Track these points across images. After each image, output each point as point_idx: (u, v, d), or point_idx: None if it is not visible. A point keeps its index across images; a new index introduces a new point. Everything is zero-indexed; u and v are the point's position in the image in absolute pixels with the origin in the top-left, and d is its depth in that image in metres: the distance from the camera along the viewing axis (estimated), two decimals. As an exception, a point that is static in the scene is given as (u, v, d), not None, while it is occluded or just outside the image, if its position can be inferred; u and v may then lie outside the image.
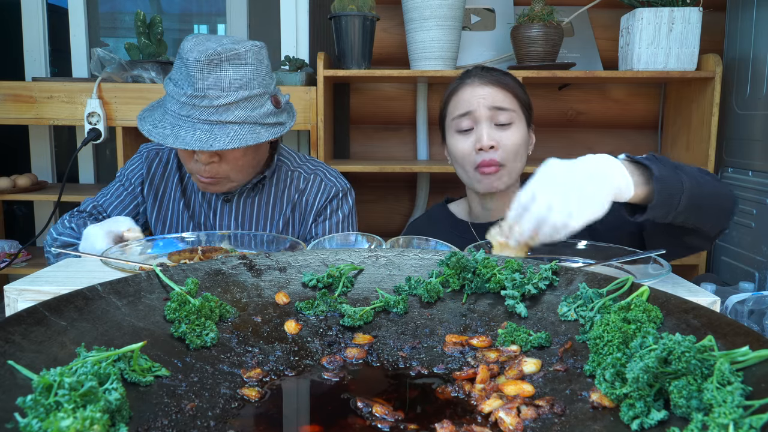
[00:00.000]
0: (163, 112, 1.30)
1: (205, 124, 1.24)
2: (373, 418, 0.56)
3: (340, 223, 1.49)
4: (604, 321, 0.61)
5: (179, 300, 0.68)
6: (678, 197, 0.96)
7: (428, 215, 1.58)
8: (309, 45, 2.55)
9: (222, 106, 1.24)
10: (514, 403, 0.56)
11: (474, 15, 2.50)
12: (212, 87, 1.23)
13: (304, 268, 0.82)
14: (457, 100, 1.37)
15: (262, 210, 1.47)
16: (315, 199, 1.48)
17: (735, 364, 0.49)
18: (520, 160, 1.35)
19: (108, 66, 2.23)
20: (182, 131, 1.24)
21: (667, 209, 0.96)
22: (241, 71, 1.25)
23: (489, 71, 1.38)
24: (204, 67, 1.22)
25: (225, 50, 1.23)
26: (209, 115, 1.24)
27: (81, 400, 0.45)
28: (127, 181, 1.50)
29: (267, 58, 1.33)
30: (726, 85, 2.32)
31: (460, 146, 1.35)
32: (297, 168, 1.50)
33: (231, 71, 1.24)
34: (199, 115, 1.24)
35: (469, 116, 1.34)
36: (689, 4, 2.13)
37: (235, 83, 1.24)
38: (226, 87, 1.24)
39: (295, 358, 0.68)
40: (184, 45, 1.27)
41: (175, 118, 1.26)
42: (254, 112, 1.27)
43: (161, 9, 3.35)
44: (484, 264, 0.77)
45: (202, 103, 1.23)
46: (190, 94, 1.23)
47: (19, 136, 2.79)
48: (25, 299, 0.85)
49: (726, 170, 2.36)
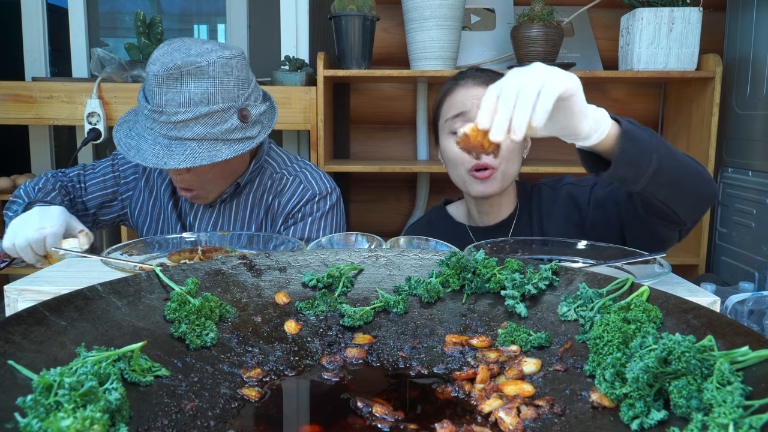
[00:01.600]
0: (136, 122, 1.28)
1: (165, 139, 1.21)
2: (373, 418, 0.56)
3: (309, 226, 1.41)
4: (604, 321, 0.61)
5: (179, 300, 0.68)
6: (648, 158, 0.92)
7: (427, 218, 1.56)
8: (309, 45, 2.55)
9: (180, 122, 1.20)
10: (514, 403, 0.56)
11: (474, 15, 2.50)
12: (171, 102, 1.19)
13: (304, 268, 0.82)
14: (451, 101, 1.35)
15: (240, 214, 1.44)
16: (288, 201, 1.42)
17: (735, 364, 0.49)
18: (515, 163, 1.33)
19: (108, 66, 2.23)
20: (144, 144, 1.22)
21: (636, 169, 0.93)
22: (203, 86, 1.20)
23: (483, 72, 1.36)
24: (163, 82, 1.19)
25: (186, 64, 1.18)
26: (168, 130, 1.21)
27: (81, 400, 0.45)
28: (119, 170, 1.49)
29: (240, 68, 1.26)
30: (726, 85, 2.32)
31: (452, 147, 1.33)
32: (282, 170, 1.46)
33: (192, 86, 1.19)
34: (159, 130, 1.21)
35: (463, 117, 1.31)
36: (689, 4, 2.13)
37: (195, 99, 1.20)
38: (185, 102, 1.19)
39: (295, 358, 0.68)
40: (153, 54, 1.23)
41: (143, 129, 1.24)
42: (215, 128, 1.21)
43: (161, 9, 3.35)
44: (484, 264, 0.77)
45: (161, 118, 1.20)
46: (150, 108, 1.21)
47: (19, 136, 2.79)
48: (25, 299, 0.85)
49: (726, 170, 2.36)
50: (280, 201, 1.43)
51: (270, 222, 1.45)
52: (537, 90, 0.78)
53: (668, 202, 1.02)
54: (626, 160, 0.92)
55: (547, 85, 0.79)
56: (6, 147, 3.13)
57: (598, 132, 0.89)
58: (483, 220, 1.43)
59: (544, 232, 1.36)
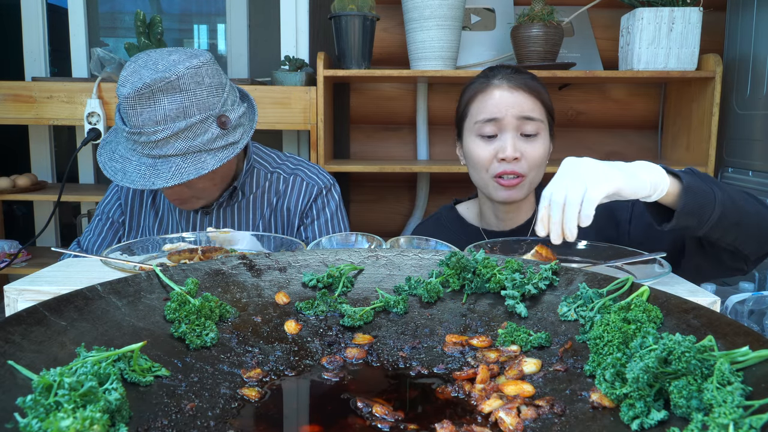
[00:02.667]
0: (117, 143, 1.27)
1: (149, 159, 1.20)
2: (373, 418, 0.55)
3: (329, 222, 1.44)
4: (604, 321, 0.61)
5: (179, 300, 0.68)
6: (710, 208, 0.97)
7: (437, 218, 1.50)
8: (309, 45, 2.55)
9: (161, 141, 1.18)
10: (514, 403, 0.56)
11: (474, 15, 2.50)
12: (147, 122, 1.17)
13: (304, 268, 0.82)
14: (482, 103, 1.29)
15: (243, 217, 1.44)
16: (297, 201, 1.43)
17: (735, 364, 0.49)
18: (542, 170, 1.30)
19: (108, 66, 2.23)
20: (129, 166, 1.21)
21: (698, 220, 0.97)
22: (177, 100, 1.17)
23: (519, 73, 1.30)
24: (136, 103, 1.16)
25: (155, 81, 1.16)
26: (150, 149, 1.19)
27: (81, 400, 0.45)
28: (105, 216, 1.49)
29: (211, 75, 1.22)
30: (726, 85, 2.31)
31: (480, 152, 1.28)
32: (275, 169, 1.45)
33: (165, 102, 1.17)
34: (141, 150, 1.20)
35: (495, 123, 1.26)
36: (689, 4, 2.13)
37: (171, 115, 1.17)
38: (162, 120, 1.17)
39: (295, 358, 0.68)
40: (121, 74, 1.21)
41: (126, 151, 1.23)
42: (196, 141, 1.20)
43: (161, 9, 3.34)
44: (484, 264, 0.77)
45: (141, 139, 1.19)
46: (129, 131, 1.19)
47: (19, 136, 2.79)
48: (25, 299, 0.85)
49: (726, 170, 2.36)
50: (287, 202, 1.44)
51: (282, 224, 1.45)
52: (580, 198, 0.90)
53: (734, 243, 1.05)
54: (688, 212, 0.96)
55: (588, 192, 0.89)
56: (6, 147, 3.13)
57: (657, 192, 0.96)
58: (500, 225, 1.38)
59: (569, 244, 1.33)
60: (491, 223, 1.40)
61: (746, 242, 1.04)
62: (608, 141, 2.62)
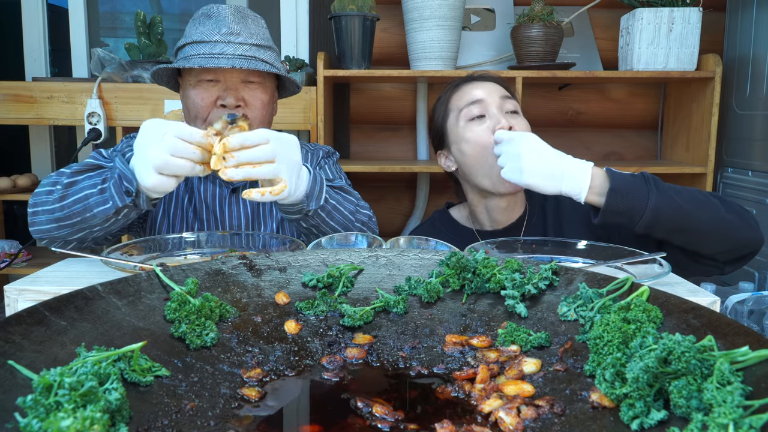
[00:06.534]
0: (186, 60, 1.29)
1: (240, 59, 1.28)
2: (373, 418, 0.56)
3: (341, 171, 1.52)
4: (604, 321, 0.61)
5: (179, 300, 0.68)
6: (640, 211, 1.06)
7: (431, 222, 1.52)
8: (309, 45, 2.55)
9: (255, 45, 1.31)
10: (514, 403, 0.56)
11: (474, 15, 2.50)
12: (245, 30, 1.31)
13: (304, 268, 0.82)
14: (463, 92, 1.36)
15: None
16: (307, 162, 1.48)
17: (735, 364, 0.49)
18: None
19: (108, 66, 2.23)
20: (224, 60, 1.27)
21: (629, 219, 1.07)
22: (262, 31, 1.34)
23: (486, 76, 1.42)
24: (235, 14, 1.30)
25: (245, 10, 1.32)
26: (244, 50, 1.29)
27: (81, 400, 0.45)
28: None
29: None
30: (726, 85, 2.32)
31: (477, 132, 1.30)
32: None
33: (254, 27, 1.32)
34: (234, 51, 1.28)
35: (480, 104, 1.32)
36: (689, 4, 2.13)
37: (261, 33, 1.34)
38: (254, 34, 1.32)
39: (295, 358, 0.68)
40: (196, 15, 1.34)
41: (205, 59, 1.27)
42: (277, 62, 1.36)
43: (161, 9, 3.34)
44: (484, 264, 0.77)
45: (238, 39, 1.28)
46: (226, 32, 1.28)
47: (19, 136, 2.79)
48: (25, 299, 0.85)
49: (726, 170, 2.36)
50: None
51: None
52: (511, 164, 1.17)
53: (687, 245, 1.11)
54: (614, 211, 1.07)
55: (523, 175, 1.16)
56: (6, 147, 3.13)
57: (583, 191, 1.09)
58: (493, 224, 1.40)
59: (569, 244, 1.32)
60: (484, 224, 1.42)
61: (704, 246, 1.11)
62: (608, 141, 2.62)
